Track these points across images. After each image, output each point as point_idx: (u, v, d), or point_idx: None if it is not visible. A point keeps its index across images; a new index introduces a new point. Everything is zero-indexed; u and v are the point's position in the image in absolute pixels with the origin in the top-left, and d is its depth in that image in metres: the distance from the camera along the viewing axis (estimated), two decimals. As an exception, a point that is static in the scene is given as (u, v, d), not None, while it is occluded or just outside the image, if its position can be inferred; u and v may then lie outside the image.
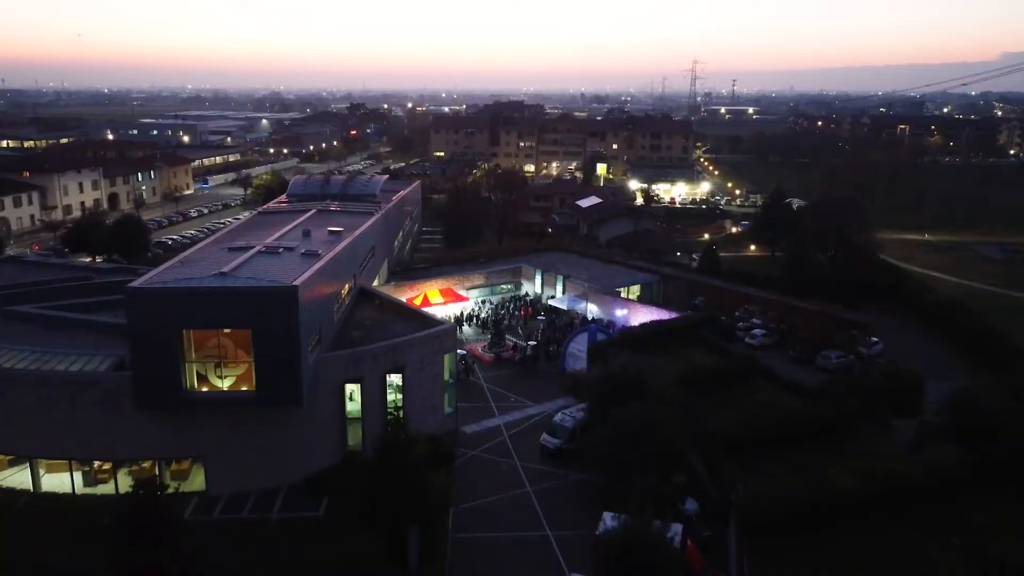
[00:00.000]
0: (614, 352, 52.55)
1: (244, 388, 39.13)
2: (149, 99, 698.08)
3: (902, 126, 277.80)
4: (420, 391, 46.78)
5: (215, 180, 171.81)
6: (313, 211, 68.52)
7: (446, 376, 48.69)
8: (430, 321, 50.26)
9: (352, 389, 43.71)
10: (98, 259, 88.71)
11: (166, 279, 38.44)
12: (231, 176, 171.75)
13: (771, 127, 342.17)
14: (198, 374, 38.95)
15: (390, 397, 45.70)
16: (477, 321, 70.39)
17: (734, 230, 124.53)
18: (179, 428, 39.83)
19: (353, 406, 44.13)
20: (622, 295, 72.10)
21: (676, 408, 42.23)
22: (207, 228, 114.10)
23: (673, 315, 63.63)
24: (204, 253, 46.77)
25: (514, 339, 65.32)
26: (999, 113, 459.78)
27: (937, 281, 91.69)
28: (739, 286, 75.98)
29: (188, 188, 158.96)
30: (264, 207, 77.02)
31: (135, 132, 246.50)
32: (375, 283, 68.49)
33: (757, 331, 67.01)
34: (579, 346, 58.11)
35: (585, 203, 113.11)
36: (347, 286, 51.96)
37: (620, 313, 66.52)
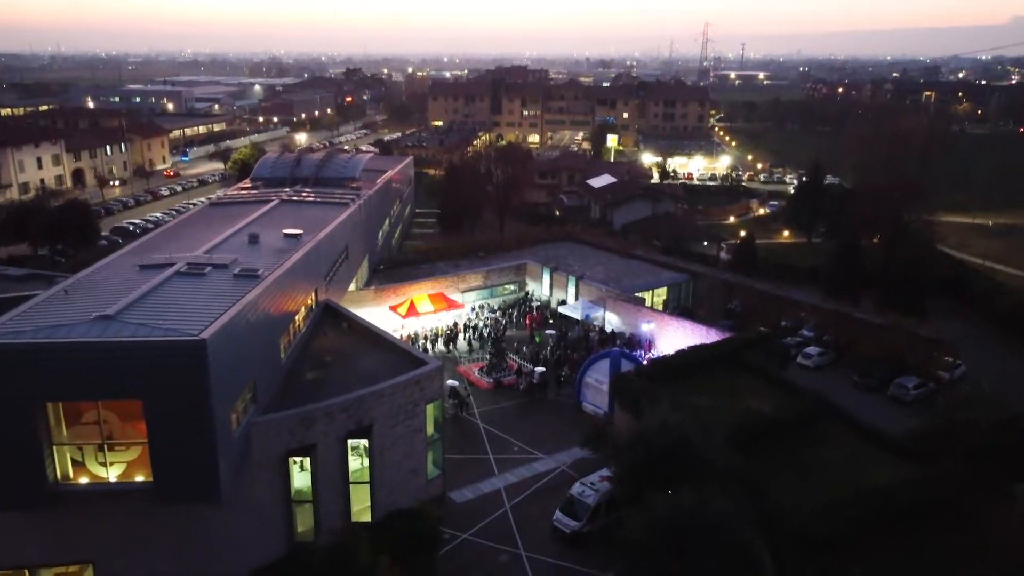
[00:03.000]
0: (644, 389, 41.31)
1: (139, 478, 27.97)
2: (145, 63, 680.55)
3: (927, 92, 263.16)
4: (394, 454, 35.63)
5: (196, 152, 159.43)
6: (276, 201, 57.11)
7: (429, 430, 37.50)
8: (410, 357, 38.86)
9: (301, 459, 32.59)
10: (40, 251, 77.63)
11: (21, 328, 27.00)
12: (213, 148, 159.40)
13: (784, 93, 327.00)
14: (73, 460, 27.78)
15: (354, 464, 34.62)
16: (475, 334, 58.99)
17: (761, 211, 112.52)
18: (56, 527, 28.68)
19: (304, 479, 33.03)
20: (646, 301, 60.58)
21: (738, 491, 31.10)
22: (175, 209, 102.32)
23: (710, 331, 52.10)
24: (105, 274, 35.33)
25: (518, 360, 53.97)
26: (1015, 79, 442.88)
27: (998, 274, 79.87)
28: (785, 288, 64.24)
29: (164, 162, 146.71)
30: (219, 196, 65.37)
31: (117, 99, 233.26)
32: (352, 287, 57.29)
33: (812, 349, 55.53)
34: (598, 375, 46.85)
35: (597, 182, 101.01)
36: (303, 310, 40.55)
37: (646, 328, 55.08)
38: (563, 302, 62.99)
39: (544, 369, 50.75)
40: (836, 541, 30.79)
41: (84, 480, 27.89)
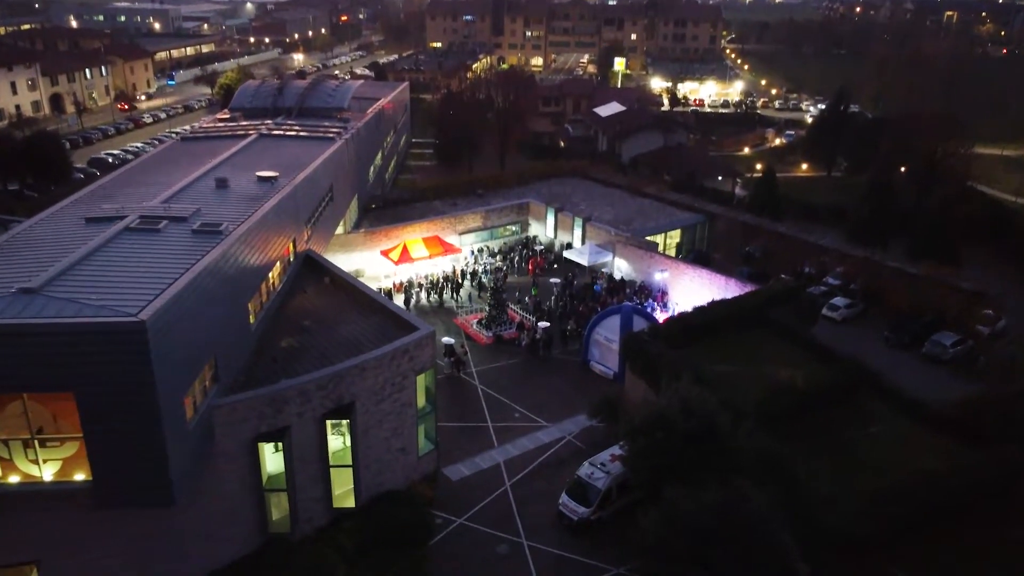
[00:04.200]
0: (659, 354, 37.23)
1: (79, 477, 24.05)
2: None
3: (949, 12, 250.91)
4: (381, 432, 31.73)
5: (182, 76, 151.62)
6: (254, 136, 52.09)
7: (420, 402, 33.51)
8: (398, 320, 34.52)
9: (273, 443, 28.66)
10: (10, 186, 72.68)
11: (-76, 305, 22.59)
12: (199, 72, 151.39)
13: (797, 12, 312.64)
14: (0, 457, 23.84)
15: (336, 444, 30.77)
16: (473, 281, 54.55)
17: (777, 142, 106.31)
18: (-10, 526, 24.99)
19: (277, 464, 29.19)
20: (659, 246, 55.96)
21: (770, 484, 27.29)
22: (157, 139, 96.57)
23: (729, 281, 47.61)
24: (45, 229, 30.80)
25: (520, 311, 49.71)
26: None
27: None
28: (807, 230, 59.42)
29: (150, 86, 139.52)
30: (193, 129, 60.08)
31: (101, 18, 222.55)
32: (339, 230, 52.76)
33: (839, 300, 51.17)
34: (608, 333, 42.67)
35: (604, 111, 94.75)
36: (278, 265, 36.01)
37: (659, 277, 50.61)
38: (569, 245, 58.34)
39: (548, 324, 46.50)
40: (880, 541, 27.13)
41: (15, 479, 23.96)
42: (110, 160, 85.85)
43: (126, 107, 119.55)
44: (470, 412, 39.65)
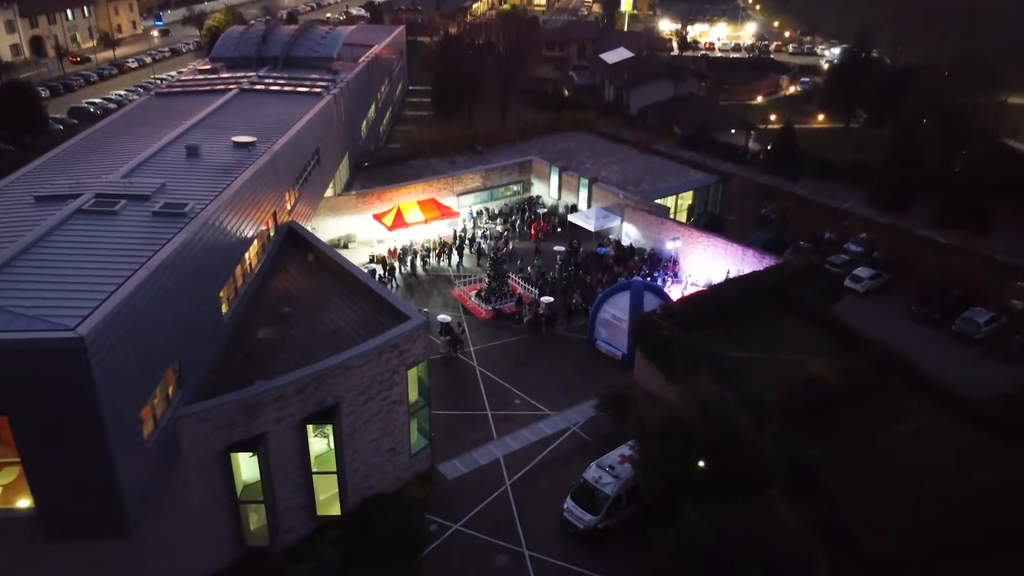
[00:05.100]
0: (672, 339, 34.36)
1: (22, 503, 21.32)
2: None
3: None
4: (368, 434, 28.94)
5: (171, 16, 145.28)
6: (235, 91, 48.18)
7: (413, 397, 30.66)
8: (387, 306, 31.34)
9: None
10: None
11: None
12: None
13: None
14: (-71, 483, 21.05)
15: (320, 446, 28.02)
16: (471, 247, 51.24)
17: (792, 90, 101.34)
18: (-70, 550, 22.41)
19: (253, 471, 26.46)
20: (670, 211, 52.47)
21: (799, 500, 24.64)
22: (142, 86, 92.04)
23: (746, 251, 44.32)
24: (-12, 210, 27.45)
25: (521, 283, 46.54)
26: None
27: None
28: (829, 192, 55.83)
29: (136, 28, 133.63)
30: (170, 82, 55.90)
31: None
32: (328, 192, 49.32)
33: (863, 270, 47.92)
34: (616, 311, 39.59)
35: (611, 57, 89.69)
36: (255, 244, 32.71)
37: (671, 246, 47.30)
38: (574, 208, 54.84)
39: (551, 299, 43.38)
40: (925, 563, 24.49)
41: (-51, 506, 21.27)
42: (91, 109, 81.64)
43: (78, 60, 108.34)
44: (467, 398, 36.86)
